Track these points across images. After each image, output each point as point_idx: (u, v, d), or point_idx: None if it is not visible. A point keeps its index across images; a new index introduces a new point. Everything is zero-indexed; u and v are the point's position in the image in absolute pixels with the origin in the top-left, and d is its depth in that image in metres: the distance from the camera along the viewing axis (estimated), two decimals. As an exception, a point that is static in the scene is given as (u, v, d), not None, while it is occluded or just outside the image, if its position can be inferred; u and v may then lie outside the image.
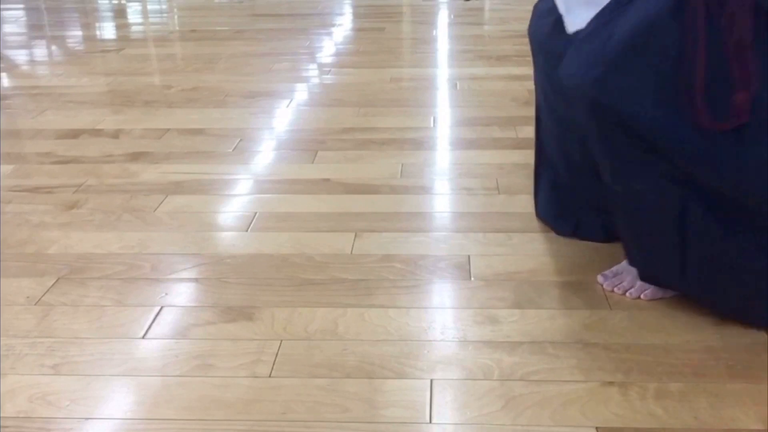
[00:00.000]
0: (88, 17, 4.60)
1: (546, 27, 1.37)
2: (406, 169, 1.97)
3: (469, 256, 1.51)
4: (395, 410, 1.09)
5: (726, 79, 1.07)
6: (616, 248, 1.42)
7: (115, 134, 2.32)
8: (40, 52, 3.80)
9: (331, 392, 1.12)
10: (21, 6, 4.94)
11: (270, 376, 1.17)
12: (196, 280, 1.46)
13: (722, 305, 1.25)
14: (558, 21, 1.30)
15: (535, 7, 1.46)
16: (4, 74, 3.21)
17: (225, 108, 2.58)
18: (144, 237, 1.63)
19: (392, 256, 1.52)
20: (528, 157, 1.81)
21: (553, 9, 1.33)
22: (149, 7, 4.92)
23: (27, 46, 3.89)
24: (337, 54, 3.43)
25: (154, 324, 1.31)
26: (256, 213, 1.74)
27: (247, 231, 1.66)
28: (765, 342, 1.21)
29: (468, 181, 1.90)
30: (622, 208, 1.25)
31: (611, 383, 1.12)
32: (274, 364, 1.19)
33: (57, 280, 1.46)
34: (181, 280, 1.46)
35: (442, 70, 3.11)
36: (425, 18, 4.35)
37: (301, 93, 2.76)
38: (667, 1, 1.08)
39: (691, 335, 1.24)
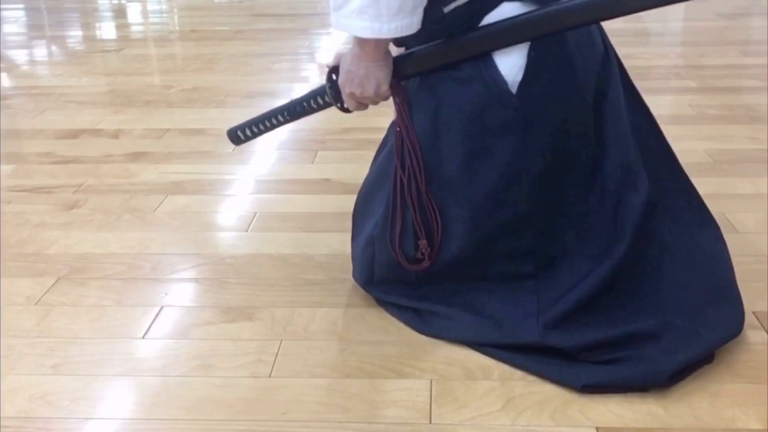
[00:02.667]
0: (88, 17, 4.60)
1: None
2: (406, 169, 1.97)
3: (469, 256, 1.51)
4: (395, 410, 1.09)
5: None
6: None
7: (115, 134, 2.31)
8: (40, 52, 3.80)
9: (331, 392, 1.12)
10: (21, 6, 4.94)
11: (270, 376, 1.17)
12: (196, 280, 1.46)
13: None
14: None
15: None
16: (4, 74, 3.21)
17: (225, 108, 2.58)
18: (144, 237, 1.63)
19: (392, 256, 1.51)
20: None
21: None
22: (149, 7, 4.92)
23: (27, 46, 3.89)
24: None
25: (154, 324, 1.31)
26: (256, 213, 1.74)
27: (247, 231, 1.66)
28: (765, 342, 1.21)
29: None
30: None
31: (611, 383, 1.12)
32: (274, 364, 1.19)
33: (57, 280, 1.46)
34: (181, 280, 1.46)
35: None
36: (425, 18, 4.35)
37: (301, 93, 2.75)
38: (390, 154, 1.24)
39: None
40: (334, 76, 1.23)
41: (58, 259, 1.54)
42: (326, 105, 1.31)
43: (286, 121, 1.40)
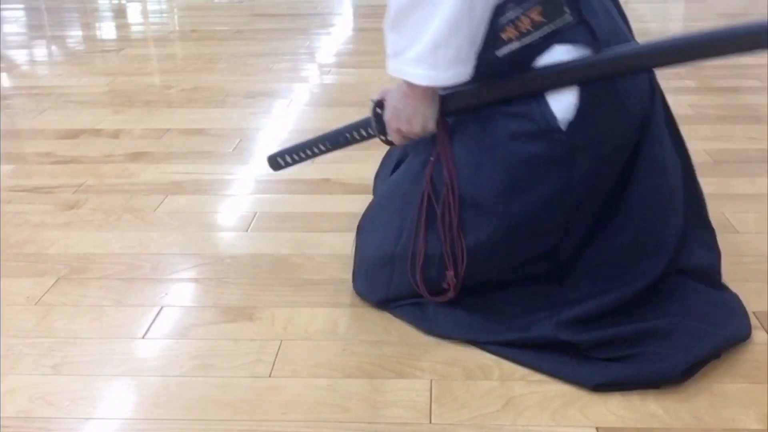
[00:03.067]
0: (88, 17, 4.60)
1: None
2: (406, 169, 1.97)
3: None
4: (395, 410, 1.09)
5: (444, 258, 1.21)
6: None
7: (115, 134, 2.31)
8: (40, 52, 3.80)
9: (331, 392, 1.12)
10: (21, 6, 4.94)
11: (270, 376, 1.17)
12: (196, 280, 1.46)
13: None
14: None
15: None
16: (4, 74, 3.21)
17: (225, 108, 2.58)
18: (144, 237, 1.63)
19: (392, 256, 1.51)
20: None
21: None
22: (149, 7, 4.91)
23: (27, 46, 3.89)
24: (337, 54, 3.43)
25: (154, 324, 1.31)
26: (256, 213, 1.74)
27: (247, 231, 1.66)
28: (765, 342, 1.21)
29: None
30: None
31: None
32: (274, 364, 1.19)
33: (57, 280, 1.46)
34: (181, 280, 1.46)
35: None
36: (425, 18, 4.34)
37: (301, 93, 2.76)
38: (413, 176, 1.25)
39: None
40: (378, 110, 1.25)
41: (58, 259, 1.54)
42: (369, 136, 1.32)
43: (328, 151, 1.42)
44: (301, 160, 1.47)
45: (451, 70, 1.08)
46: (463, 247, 1.18)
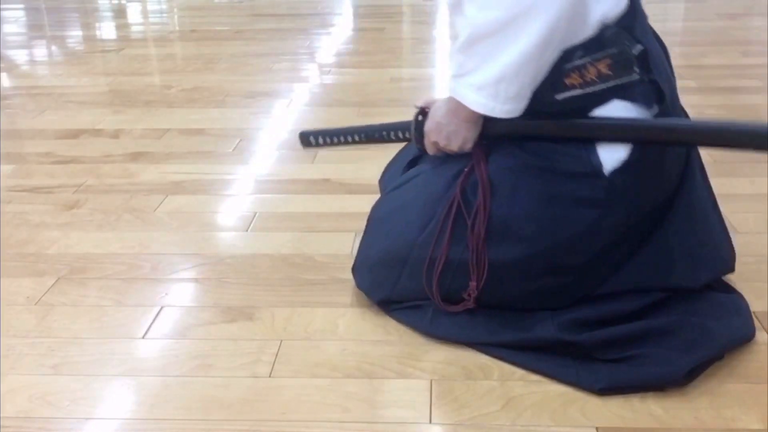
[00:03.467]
0: (88, 17, 4.60)
1: None
2: (406, 169, 1.97)
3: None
4: (395, 410, 1.09)
5: (464, 267, 1.19)
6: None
7: (115, 134, 2.32)
8: (40, 52, 3.80)
9: (331, 392, 1.12)
10: (21, 6, 4.94)
11: (270, 376, 1.17)
12: (196, 280, 1.46)
13: None
14: None
15: None
16: (4, 74, 3.21)
17: (225, 108, 2.58)
18: (144, 237, 1.63)
19: (392, 256, 1.51)
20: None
21: None
22: (149, 7, 4.92)
23: (27, 46, 3.89)
24: (337, 54, 3.43)
25: (154, 324, 1.31)
26: (256, 213, 1.74)
27: (247, 231, 1.66)
28: (765, 342, 1.21)
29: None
30: None
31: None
32: (274, 364, 1.19)
33: (57, 280, 1.46)
34: (181, 280, 1.46)
35: (442, 70, 3.10)
36: (425, 18, 4.35)
37: (301, 93, 2.76)
38: (443, 183, 1.22)
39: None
40: (420, 117, 1.25)
41: (58, 259, 1.54)
42: (405, 140, 1.33)
43: (360, 142, 1.42)
44: (332, 144, 1.45)
45: (508, 104, 1.09)
46: (484, 260, 1.18)
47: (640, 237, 1.21)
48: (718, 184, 1.29)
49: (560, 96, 1.11)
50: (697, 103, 2.41)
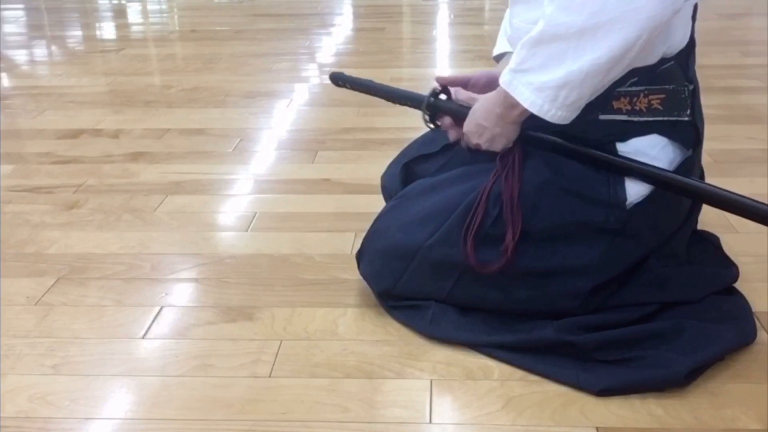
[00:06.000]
0: (88, 17, 4.60)
1: None
2: (406, 169, 1.97)
3: (469, 256, 1.51)
4: (395, 410, 1.09)
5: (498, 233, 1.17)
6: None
7: (115, 134, 2.32)
8: (40, 52, 3.80)
9: (331, 392, 1.12)
10: (21, 6, 4.94)
11: (270, 376, 1.17)
12: (196, 280, 1.46)
13: None
14: None
15: None
16: (4, 74, 3.21)
17: (225, 108, 2.58)
18: (144, 237, 1.63)
19: (392, 256, 1.51)
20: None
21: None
22: (149, 7, 4.92)
23: (27, 46, 3.89)
24: (337, 54, 3.43)
25: (154, 324, 1.31)
26: (256, 213, 1.74)
27: (247, 231, 1.66)
28: (765, 342, 1.21)
29: (468, 181, 1.90)
30: None
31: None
32: (274, 364, 1.19)
33: (57, 280, 1.46)
34: (181, 280, 1.46)
35: (442, 70, 3.10)
36: (425, 18, 4.35)
37: (301, 93, 2.76)
38: (469, 188, 1.21)
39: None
40: (432, 99, 1.25)
41: (58, 259, 1.54)
42: (418, 109, 1.32)
43: (381, 97, 1.44)
44: (358, 89, 1.49)
45: (563, 111, 1.05)
46: (519, 214, 1.16)
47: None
48: (718, 184, 1.29)
49: (603, 117, 1.11)
50: (697, 103, 2.41)
